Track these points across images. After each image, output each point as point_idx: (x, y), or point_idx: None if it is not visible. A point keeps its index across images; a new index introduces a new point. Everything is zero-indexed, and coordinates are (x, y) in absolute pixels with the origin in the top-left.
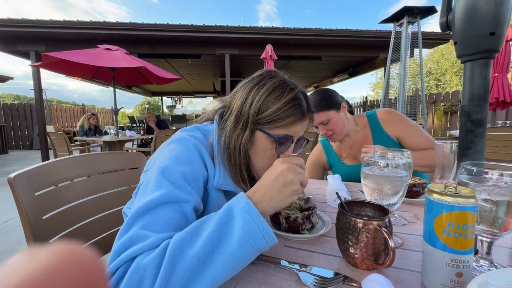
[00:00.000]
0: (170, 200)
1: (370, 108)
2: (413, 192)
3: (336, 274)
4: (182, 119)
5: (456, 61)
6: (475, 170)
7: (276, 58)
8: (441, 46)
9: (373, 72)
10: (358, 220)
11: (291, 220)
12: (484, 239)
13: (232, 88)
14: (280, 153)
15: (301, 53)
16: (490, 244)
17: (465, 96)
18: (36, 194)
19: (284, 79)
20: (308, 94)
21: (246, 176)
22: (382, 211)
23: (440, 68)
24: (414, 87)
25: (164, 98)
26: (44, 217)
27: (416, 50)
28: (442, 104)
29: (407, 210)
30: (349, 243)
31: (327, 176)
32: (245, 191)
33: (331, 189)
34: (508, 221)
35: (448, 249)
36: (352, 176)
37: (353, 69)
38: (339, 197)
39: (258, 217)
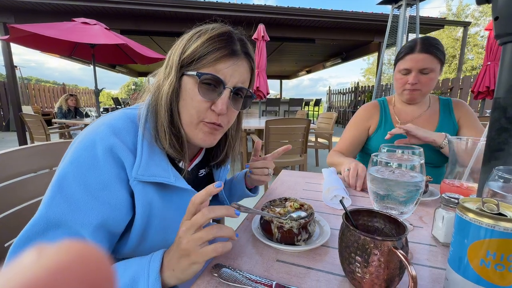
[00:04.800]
0: (61, 223)
1: (361, 94)
2: None
3: None
4: None
5: (447, 49)
6: None
7: (269, 39)
8: (433, 33)
9: (366, 57)
10: (368, 239)
11: (285, 230)
12: None
13: None
14: (209, 100)
15: (294, 34)
16: None
17: (501, 86)
18: None
19: (218, 24)
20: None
21: (175, 137)
22: (395, 224)
23: None
24: None
25: (151, 79)
26: None
27: (411, 36)
28: (433, 91)
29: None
30: (357, 264)
31: (322, 170)
32: (177, 168)
33: (328, 187)
34: None
35: (485, 282)
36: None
37: (346, 54)
38: (343, 205)
39: None
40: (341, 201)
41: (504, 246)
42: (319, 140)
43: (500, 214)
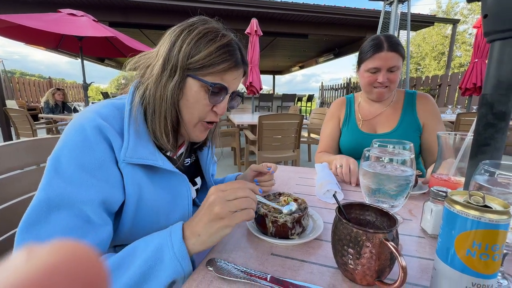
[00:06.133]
0: (64, 203)
1: (353, 90)
2: None
3: None
4: None
5: (436, 46)
6: (497, 173)
7: (262, 33)
8: (423, 30)
9: (358, 53)
10: (361, 232)
11: (279, 224)
12: None
13: None
14: (214, 104)
15: (287, 29)
16: (505, 255)
17: (489, 82)
18: None
19: (217, 26)
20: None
21: (171, 129)
22: (386, 217)
23: (420, 52)
24: None
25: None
26: None
27: (403, 33)
28: (421, 88)
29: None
30: (349, 256)
31: (315, 165)
32: (166, 157)
33: (321, 181)
34: None
35: (471, 271)
36: (360, 144)
37: (339, 50)
38: (337, 200)
39: (189, 268)
40: (334, 195)
41: (489, 236)
42: (312, 135)
43: (485, 206)
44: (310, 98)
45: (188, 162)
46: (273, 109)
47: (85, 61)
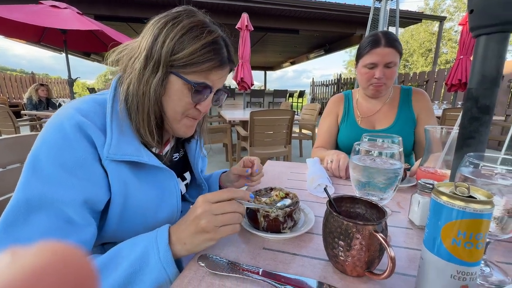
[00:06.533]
0: (43, 203)
1: (343, 86)
2: None
3: (321, 284)
4: None
5: (423, 42)
6: (482, 165)
7: (252, 29)
8: (411, 26)
9: (348, 49)
10: (351, 224)
11: (271, 219)
12: None
13: None
14: (197, 102)
15: (278, 25)
16: (487, 244)
17: (474, 77)
18: None
19: (204, 20)
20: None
21: (155, 125)
22: (375, 209)
23: (409, 48)
24: None
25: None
26: None
27: (392, 29)
28: (409, 84)
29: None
30: (340, 248)
31: (306, 160)
32: (152, 152)
33: (312, 176)
34: None
35: (456, 260)
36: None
37: (329, 46)
38: (327, 193)
39: (174, 272)
40: (325, 189)
41: (473, 226)
42: (303, 131)
43: (470, 196)
44: (301, 94)
45: (176, 157)
46: (264, 105)
47: (70, 56)
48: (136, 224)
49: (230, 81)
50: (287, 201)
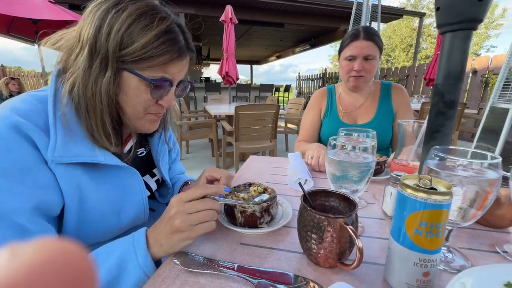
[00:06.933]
0: None
1: (328, 81)
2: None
3: (296, 276)
4: None
5: (405, 38)
6: (446, 158)
7: (237, 22)
8: (393, 22)
9: (333, 44)
10: (323, 217)
11: (248, 214)
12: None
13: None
14: (159, 98)
15: (263, 18)
16: (450, 232)
17: (440, 73)
18: None
19: (152, 4)
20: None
21: (111, 128)
22: (348, 202)
23: (391, 44)
24: None
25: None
26: None
27: (374, 24)
28: (391, 78)
29: (365, 189)
30: (313, 241)
31: (288, 154)
32: (108, 148)
33: (292, 170)
34: (475, 212)
35: (418, 248)
36: None
37: (315, 40)
38: (302, 188)
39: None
40: (300, 184)
41: (434, 216)
42: (289, 125)
43: (432, 188)
44: (287, 88)
45: (143, 152)
46: (250, 99)
47: (43, 48)
48: (98, 226)
49: (216, 75)
50: (265, 196)
